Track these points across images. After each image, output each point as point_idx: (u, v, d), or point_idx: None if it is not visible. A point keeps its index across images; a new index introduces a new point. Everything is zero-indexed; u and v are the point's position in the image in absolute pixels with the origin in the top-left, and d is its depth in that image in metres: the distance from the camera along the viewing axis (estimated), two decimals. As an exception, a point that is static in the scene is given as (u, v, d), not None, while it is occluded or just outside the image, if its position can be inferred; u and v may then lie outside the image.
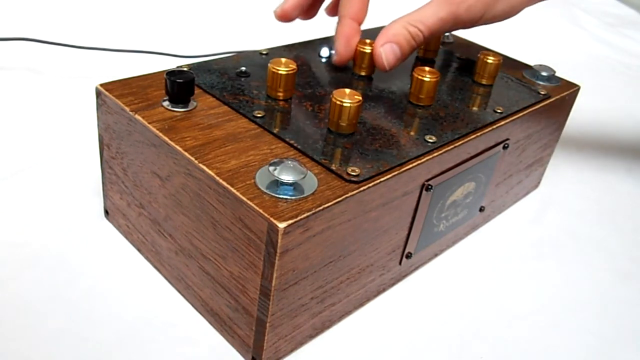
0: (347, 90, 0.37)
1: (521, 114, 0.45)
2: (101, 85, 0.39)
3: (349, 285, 0.37)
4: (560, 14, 0.54)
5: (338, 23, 0.47)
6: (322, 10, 0.54)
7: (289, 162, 0.32)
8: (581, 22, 1.07)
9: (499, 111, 0.44)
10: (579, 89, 0.53)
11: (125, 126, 0.38)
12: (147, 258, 0.41)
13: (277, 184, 0.32)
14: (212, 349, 0.36)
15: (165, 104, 0.38)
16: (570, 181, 0.59)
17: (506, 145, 0.45)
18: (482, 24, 0.46)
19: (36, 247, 0.41)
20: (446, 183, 0.40)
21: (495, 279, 0.45)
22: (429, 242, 0.43)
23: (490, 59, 0.48)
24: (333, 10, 0.52)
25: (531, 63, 0.54)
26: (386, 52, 0.44)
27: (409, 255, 0.41)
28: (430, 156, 0.37)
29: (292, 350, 0.37)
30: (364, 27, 0.57)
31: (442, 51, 0.55)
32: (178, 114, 0.37)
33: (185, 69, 0.42)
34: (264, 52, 0.48)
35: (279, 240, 0.29)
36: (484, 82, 0.48)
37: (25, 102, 0.60)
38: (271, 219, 0.29)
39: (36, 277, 0.39)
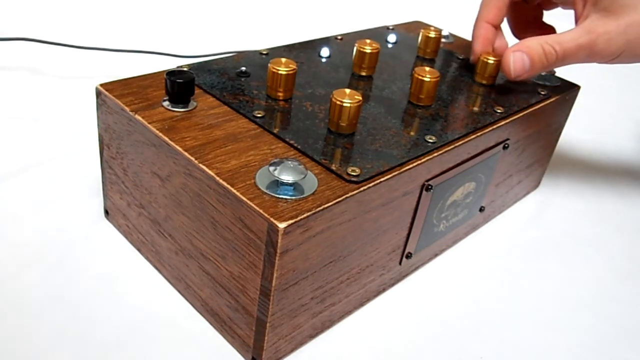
0: (347, 90, 0.37)
1: (521, 114, 0.45)
2: (101, 85, 0.39)
3: (349, 285, 0.37)
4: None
5: (475, 26, 0.50)
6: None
7: (289, 162, 0.32)
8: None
9: (499, 111, 0.44)
10: (579, 89, 0.53)
11: (125, 126, 0.38)
12: (147, 258, 0.41)
13: (277, 184, 0.32)
14: (212, 349, 0.36)
15: (165, 104, 0.38)
16: (570, 181, 0.59)
17: (506, 145, 0.45)
18: (620, 62, 0.46)
19: (36, 247, 0.41)
20: (446, 183, 0.40)
21: (495, 279, 0.45)
22: (429, 242, 0.43)
23: (491, 59, 0.48)
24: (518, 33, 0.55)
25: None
26: (515, 59, 0.45)
27: (409, 255, 0.41)
28: (430, 156, 0.37)
29: (292, 350, 0.37)
30: (354, 28, 0.57)
31: (442, 51, 0.55)
32: (178, 114, 0.37)
33: (185, 69, 0.42)
34: (264, 52, 0.48)
35: (279, 240, 0.29)
36: (484, 82, 0.48)
37: (25, 102, 0.60)
38: (271, 219, 0.29)
39: (36, 277, 0.39)
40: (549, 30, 0.54)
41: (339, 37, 0.54)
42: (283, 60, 0.40)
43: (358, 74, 0.46)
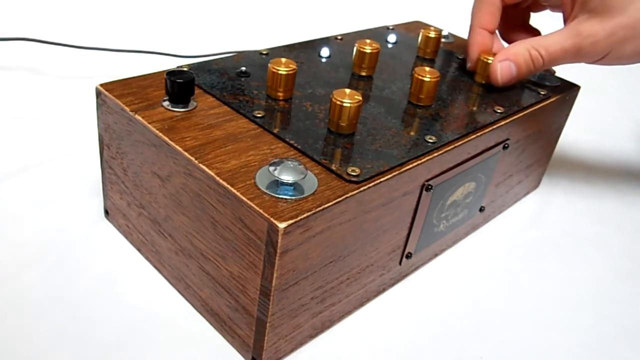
0: (347, 90, 0.37)
1: (521, 114, 0.45)
2: (101, 85, 0.39)
3: (349, 285, 0.37)
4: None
5: (470, 32, 0.51)
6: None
7: (289, 162, 0.32)
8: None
9: (499, 111, 0.44)
10: (579, 89, 0.53)
11: (125, 126, 0.38)
12: (147, 258, 0.41)
13: (277, 184, 0.32)
14: (212, 349, 0.36)
15: (165, 104, 0.38)
16: (570, 181, 0.59)
17: (506, 145, 0.45)
18: (606, 63, 0.47)
19: (36, 247, 0.41)
20: (446, 183, 0.40)
21: (495, 279, 0.45)
22: (429, 242, 0.43)
23: (490, 59, 0.48)
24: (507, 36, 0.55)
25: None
26: (502, 68, 0.46)
27: (409, 255, 0.41)
28: (430, 156, 0.37)
29: (292, 350, 0.37)
30: (355, 28, 0.57)
31: (442, 51, 0.55)
32: (178, 114, 0.37)
33: (185, 69, 0.42)
34: (264, 52, 0.48)
35: (279, 240, 0.29)
36: (484, 82, 0.48)
37: (25, 102, 0.60)
38: (271, 219, 0.29)
39: (36, 277, 0.39)
40: (535, 33, 0.54)
41: (339, 37, 0.54)
42: (283, 60, 0.40)
43: (358, 74, 0.46)
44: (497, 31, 0.52)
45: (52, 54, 0.68)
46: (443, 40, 0.57)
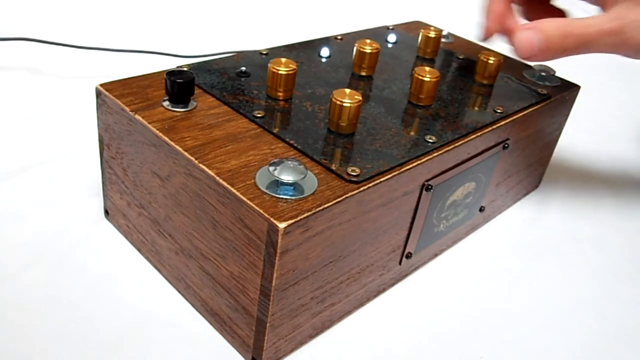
0: (347, 90, 0.37)
1: (521, 114, 0.45)
2: (101, 85, 0.39)
3: (349, 285, 0.37)
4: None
5: (487, 0, 0.46)
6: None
7: (289, 162, 0.32)
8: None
9: (499, 111, 0.44)
10: (579, 89, 0.53)
11: (125, 126, 0.38)
12: (147, 258, 0.41)
13: (277, 184, 0.32)
14: (212, 349, 0.36)
15: (165, 104, 0.38)
16: (570, 181, 0.59)
17: (506, 145, 0.45)
18: None
19: (36, 247, 0.41)
20: (446, 183, 0.40)
21: (495, 279, 0.45)
22: (429, 242, 0.43)
23: (491, 59, 0.48)
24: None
25: (531, 63, 0.54)
26: (522, 38, 0.41)
27: (409, 255, 0.41)
28: (430, 156, 0.37)
29: (292, 350, 0.37)
30: (355, 28, 0.57)
31: (442, 51, 0.55)
32: (178, 114, 0.37)
33: (185, 69, 0.42)
34: (264, 52, 0.48)
35: (279, 240, 0.29)
36: (484, 82, 0.48)
37: (25, 102, 0.60)
38: (271, 219, 0.29)
39: (36, 277, 0.39)
40: (559, 14, 0.49)
41: (339, 37, 0.54)
42: (283, 60, 0.40)
43: (358, 74, 0.46)
44: (512, 8, 0.48)
45: (52, 54, 0.68)
46: (443, 40, 0.57)
